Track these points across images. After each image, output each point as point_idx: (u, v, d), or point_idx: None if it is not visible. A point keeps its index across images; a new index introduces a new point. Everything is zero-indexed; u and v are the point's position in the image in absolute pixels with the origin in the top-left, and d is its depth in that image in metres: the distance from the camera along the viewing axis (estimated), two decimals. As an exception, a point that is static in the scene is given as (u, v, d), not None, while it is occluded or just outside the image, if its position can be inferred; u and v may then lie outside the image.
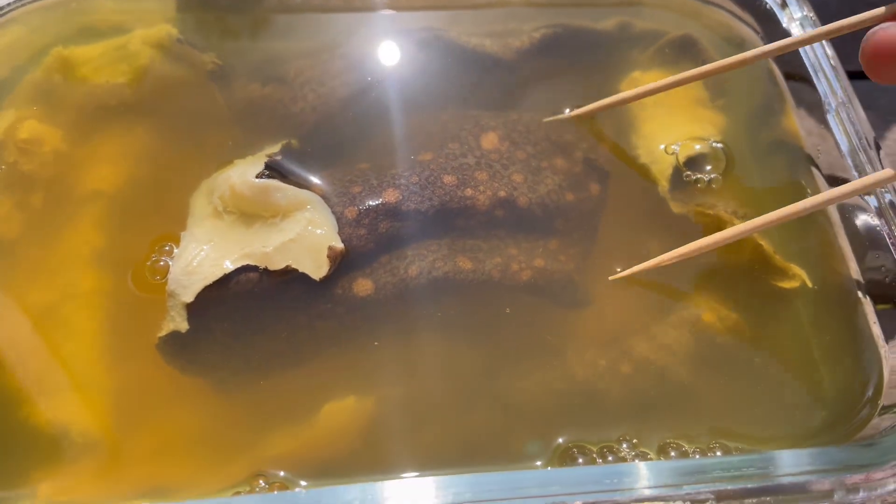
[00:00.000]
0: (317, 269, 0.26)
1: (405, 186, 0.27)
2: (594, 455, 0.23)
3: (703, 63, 0.33)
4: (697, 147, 0.31)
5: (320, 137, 0.30)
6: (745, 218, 0.29)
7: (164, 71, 0.31)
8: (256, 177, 0.27)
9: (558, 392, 0.27)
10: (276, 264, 0.26)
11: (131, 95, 0.31)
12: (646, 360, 0.27)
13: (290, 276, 0.26)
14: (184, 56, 0.32)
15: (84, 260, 0.29)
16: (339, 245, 0.26)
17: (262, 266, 0.26)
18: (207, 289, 0.25)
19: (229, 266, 0.26)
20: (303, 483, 0.25)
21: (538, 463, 0.23)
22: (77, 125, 0.30)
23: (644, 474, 0.20)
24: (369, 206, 0.27)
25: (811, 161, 0.31)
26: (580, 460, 0.23)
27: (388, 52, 0.33)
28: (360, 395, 0.26)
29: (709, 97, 0.34)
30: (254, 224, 0.27)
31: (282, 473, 0.25)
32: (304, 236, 0.26)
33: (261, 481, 0.25)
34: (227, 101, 0.31)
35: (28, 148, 0.30)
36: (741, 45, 0.34)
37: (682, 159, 0.31)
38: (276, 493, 0.23)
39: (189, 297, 0.25)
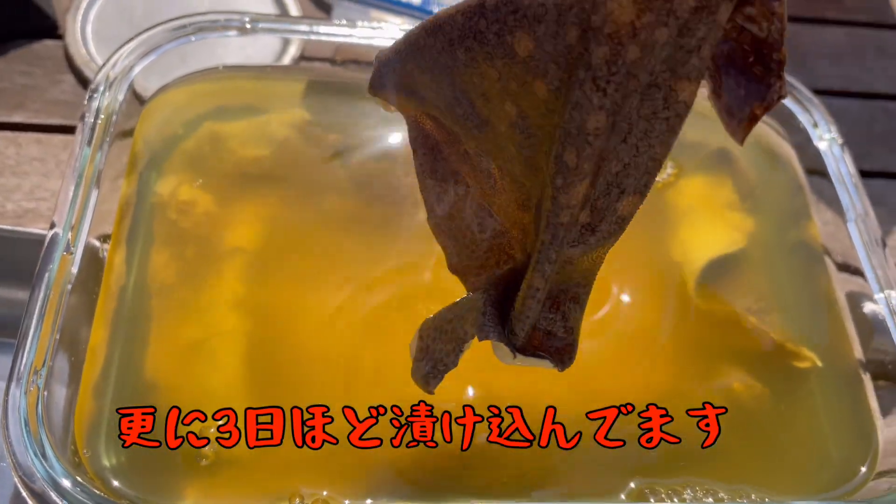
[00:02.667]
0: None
1: None
2: (662, 496, 0.29)
3: (738, 172, 0.40)
4: (723, 252, 0.37)
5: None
6: (758, 314, 0.36)
7: (297, 147, 0.38)
8: None
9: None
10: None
11: (270, 167, 0.37)
12: (682, 417, 0.33)
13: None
14: (313, 136, 0.38)
15: (227, 304, 0.35)
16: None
17: None
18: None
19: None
20: (346, 502, 0.30)
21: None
22: (223, 191, 0.37)
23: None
24: None
25: (827, 253, 0.38)
26: (651, 500, 0.29)
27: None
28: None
29: (739, 200, 0.40)
30: None
31: (325, 493, 0.31)
32: None
33: (297, 500, 0.31)
34: (348, 174, 0.38)
35: (185, 209, 0.36)
36: (775, 158, 0.40)
37: (708, 260, 0.38)
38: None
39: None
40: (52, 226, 0.31)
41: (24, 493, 0.26)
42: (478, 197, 0.27)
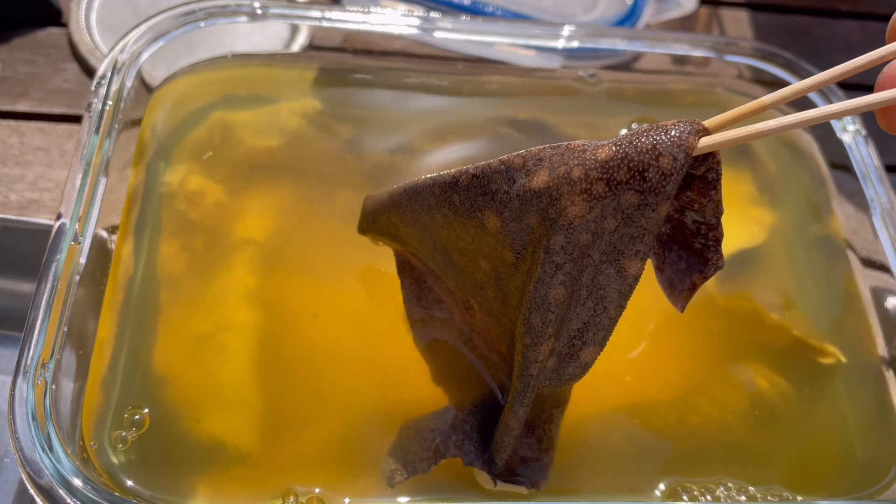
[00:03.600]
0: None
1: None
2: (695, 493, 0.29)
3: (758, 165, 0.39)
4: (743, 247, 0.37)
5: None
6: (780, 310, 0.35)
7: (307, 137, 0.37)
8: None
9: (635, 438, 0.32)
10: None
11: (280, 157, 0.36)
12: (709, 415, 0.33)
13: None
14: (324, 125, 0.37)
15: (238, 297, 0.34)
16: None
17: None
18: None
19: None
20: (346, 501, 0.29)
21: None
22: (233, 181, 0.36)
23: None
24: None
25: (850, 248, 0.37)
26: (685, 497, 0.29)
27: (493, 134, 0.38)
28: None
29: (758, 194, 0.39)
30: None
31: (317, 490, 0.30)
32: None
33: (291, 498, 0.30)
34: (359, 166, 0.37)
35: (194, 199, 0.35)
36: (796, 150, 0.39)
37: (728, 256, 0.37)
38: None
39: None
40: (59, 216, 0.30)
41: (30, 489, 0.25)
42: (459, 322, 0.31)
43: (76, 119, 0.47)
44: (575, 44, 0.38)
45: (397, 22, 0.37)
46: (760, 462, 0.31)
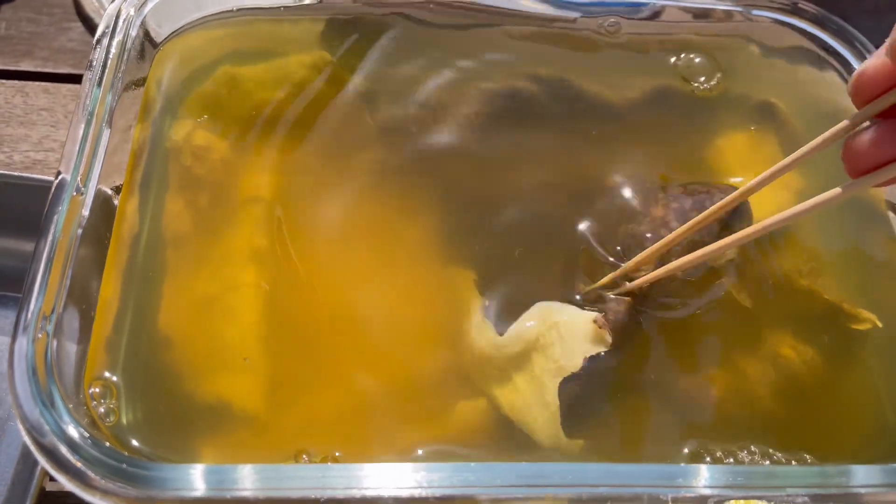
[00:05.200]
0: (602, 341, 0.30)
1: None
2: (718, 455, 0.28)
3: (784, 130, 0.37)
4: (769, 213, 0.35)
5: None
6: (809, 276, 0.34)
7: (318, 91, 0.36)
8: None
9: (657, 409, 0.31)
10: (575, 366, 0.29)
11: (290, 112, 0.35)
12: (733, 386, 0.31)
13: (594, 363, 0.30)
14: (336, 78, 0.36)
15: (244, 256, 0.33)
16: (596, 315, 0.30)
17: (566, 375, 0.30)
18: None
19: (554, 402, 0.29)
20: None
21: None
22: (240, 136, 0.35)
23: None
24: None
25: (893, 209, 0.35)
26: (707, 459, 0.28)
27: (513, 88, 0.37)
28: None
29: (784, 157, 0.37)
30: (532, 357, 0.31)
31: (338, 454, 0.29)
32: (571, 332, 0.30)
33: (304, 457, 0.29)
34: (374, 121, 0.35)
35: (200, 154, 0.34)
36: (825, 110, 0.38)
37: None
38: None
39: (563, 439, 0.30)
40: (61, 167, 0.29)
41: (32, 449, 0.25)
42: None
43: (81, 79, 0.46)
44: (597, -6, 0.36)
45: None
46: (786, 432, 0.30)
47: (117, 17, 0.32)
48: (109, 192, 0.31)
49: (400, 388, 0.31)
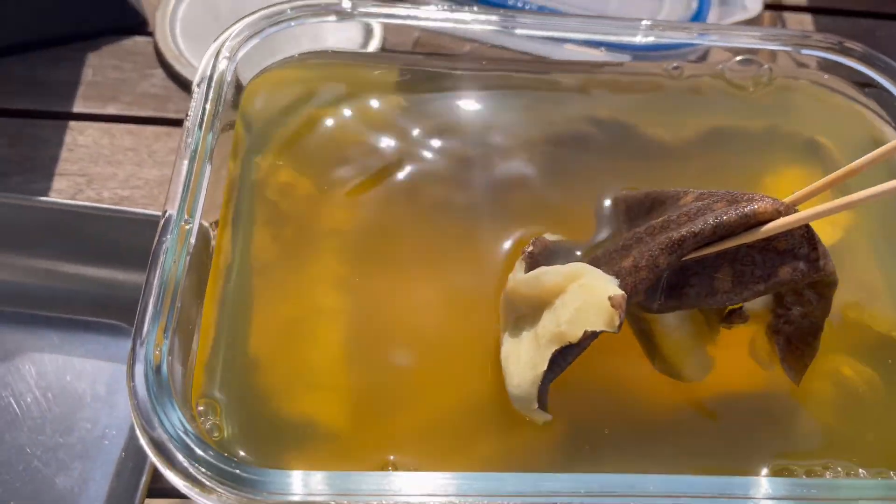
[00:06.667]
0: (609, 322, 0.28)
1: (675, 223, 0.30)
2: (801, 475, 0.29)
3: (831, 166, 0.39)
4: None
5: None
6: (858, 306, 0.35)
7: (392, 133, 0.38)
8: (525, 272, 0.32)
9: (715, 430, 0.32)
10: (575, 336, 0.28)
11: (366, 151, 0.38)
12: (793, 404, 0.33)
13: (592, 340, 0.29)
14: (408, 122, 0.38)
15: (326, 283, 0.35)
16: (618, 292, 0.29)
17: (564, 344, 0.29)
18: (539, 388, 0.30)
19: (542, 364, 0.29)
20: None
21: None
22: (321, 174, 0.37)
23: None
24: (645, 249, 0.30)
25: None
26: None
27: (574, 131, 0.39)
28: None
29: (830, 191, 0.39)
30: (543, 314, 0.30)
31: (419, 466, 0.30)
32: (587, 300, 0.29)
33: (390, 468, 0.30)
34: (442, 160, 0.38)
35: (285, 190, 0.37)
36: (869, 143, 0.39)
37: None
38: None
39: (535, 405, 0.30)
40: (167, 202, 0.32)
41: (152, 457, 0.27)
42: None
43: (163, 122, 0.49)
44: (651, 39, 0.39)
45: (479, 18, 0.38)
46: (853, 449, 0.31)
47: (214, 64, 0.35)
48: (208, 225, 0.34)
49: (475, 403, 0.32)
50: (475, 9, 0.38)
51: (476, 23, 0.38)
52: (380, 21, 0.38)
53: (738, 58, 0.41)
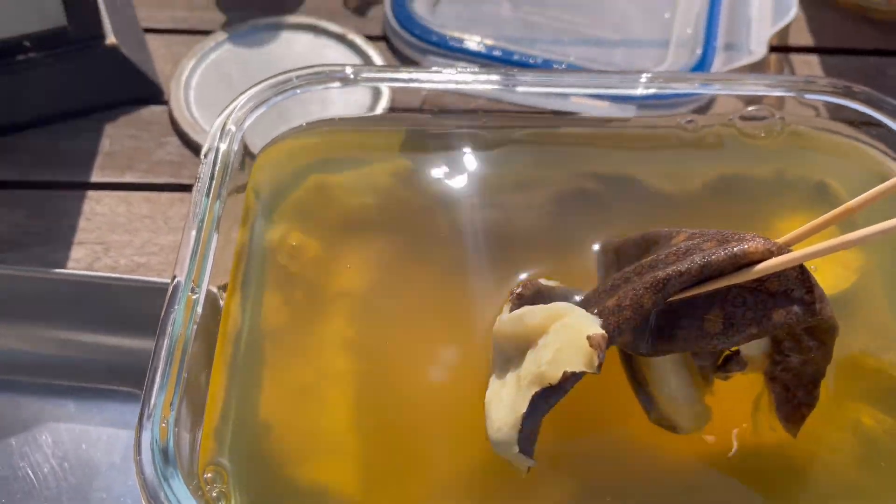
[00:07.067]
0: (589, 362, 0.27)
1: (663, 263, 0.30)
2: None
3: (837, 204, 0.38)
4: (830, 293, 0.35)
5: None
6: (877, 353, 0.34)
7: (400, 195, 0.39)
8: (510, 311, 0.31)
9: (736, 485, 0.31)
10: (554, 377, 0.28)
11: (374, 214, 0.38)
12: (815, 456, 0.32)
13: (574, 382, 0.28)
14: (414, 182, 0.39)
15: (336, 347, 0.35)
16: (597, 331, 0.28)
17: (545, 386, 0.28)
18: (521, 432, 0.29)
19: (523, 406, 0.28)
20: None
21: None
22: (330, 236, 0.38)
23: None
24: (629, 288, 0.29)
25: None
26: None
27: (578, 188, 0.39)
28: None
29: (840, 233, 0.38)
30: (527, 355, 0.30)
31: None
32: (567, 340, 0.28)
33: None
34: (448, 219, 0.38)
35: (294, 254, 0.37)
36: (880, 180, 0.39)
37: None
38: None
39: (515, 449, 0.29)
40: (175, 271, 0.32)
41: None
42: None
43: (179, 188, 0.50)
44: (653, 90, 0.39)
45: (479, 78, 0.39)
46: (878, 501, 0.30)
47: (221, 133, 0.36)
48: (216, 291, 0.34)
49: (487, 461, 0.32)
50: (476, 69, 0.38)
51: (477, 83, 0.39)
52: (383, 85, 0.39)
53: (750, 108, 0.41)
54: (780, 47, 0.60)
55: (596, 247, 0.36)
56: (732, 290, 0.28)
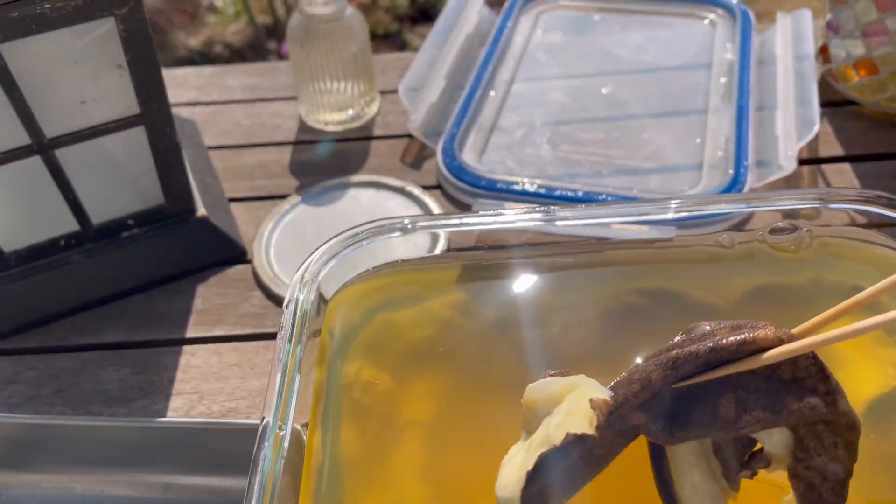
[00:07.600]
0: (588, 425, 0.29)
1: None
2: None
3: (875, 310, 0.40)
4: (878, 392, 0.36)
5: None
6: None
7: (459, 325, 0.43)
8: None
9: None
10: (557, 438, 0.30)
11: (437, 345, 0.42)
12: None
13: (575, 445, 0.30)
14: (472, 313, 0.43)
15: (409, 474, 0.38)
16: (602, 396, 0.30)
17: (549, 447, 0.30)
18: (525, 490, 0.31)
19: (529, 465, 0.30)
20: None
21: None
22: (399, 369, 0.41)
23: None
24: (642, 366, 0.31)
25: None
26: None
27: (622, 304, 0.43)
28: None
29: (885, 334, 0.40)
30: (544, 421, 0.32)
31: None
32: (575, 406, 0.30)
33: None
34: (506, 344, 0.42)
35: (367, 388, 0.41)
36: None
37: (865, 404, 0.37)
38: None
39: None
40: (264, 412, 0.36)
41: None
42: None
43: (263, 336, 0.55)
44: (683, 214, 0.42)
45: (523, 217, 0.43)
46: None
47: (300, 285, 0.41)
48: (300, 428, 0.38)
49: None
50: (519, 210, 0.43)
51: (521, 221, 0.43)
52: (434, 231, 0.44)
53: (778, 223, 0.44)
54: (812, 159, 0.63)
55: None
56: (745, 376, 0.29)
